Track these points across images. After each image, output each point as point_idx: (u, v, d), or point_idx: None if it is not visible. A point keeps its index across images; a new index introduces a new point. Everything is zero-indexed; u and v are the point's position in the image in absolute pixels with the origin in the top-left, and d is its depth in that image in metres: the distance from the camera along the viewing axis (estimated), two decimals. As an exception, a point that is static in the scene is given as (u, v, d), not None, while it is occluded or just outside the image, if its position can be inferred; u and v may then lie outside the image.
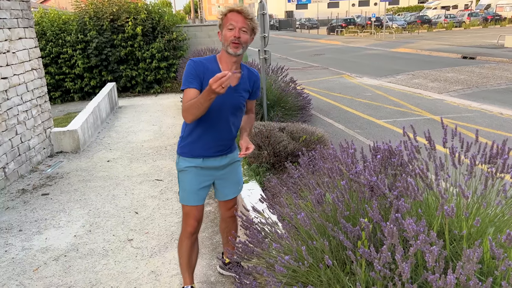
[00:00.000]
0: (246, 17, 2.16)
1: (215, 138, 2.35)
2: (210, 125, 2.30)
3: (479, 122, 6.86)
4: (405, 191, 2.14)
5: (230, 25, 2.14)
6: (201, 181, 2.44)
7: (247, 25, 2.17)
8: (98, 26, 10.60)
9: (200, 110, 2.04)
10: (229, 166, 2.52)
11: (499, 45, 18.95)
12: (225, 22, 2.18)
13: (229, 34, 2.14)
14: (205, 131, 2.32)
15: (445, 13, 39.15)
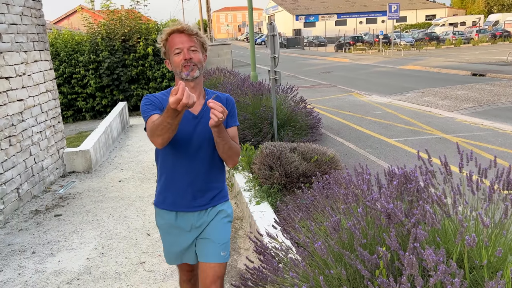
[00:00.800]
0: (191, 34, 1.91)
1: (188, 180, 1.98)
2: (180, 163, 1.97)
3: (492, 141, 6.80)
4: (423, 218, 2.11)
5: (176, 49, 1.88)
6: (179, 243, 2.09)
7: (195, 42, 1.91)
8: (110, 46, 10.79)
9: (167, 129, 1.67)
10: (212, 221, 2.05)
11: (509, 62, 18.90)
12: (169, 48, 1.92)
13: (177, 59, 1.88)
14: (174, 170, 1.99)
15: (453, 30, 39.26)
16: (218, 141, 1.87)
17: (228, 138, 1.89)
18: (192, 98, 1.52)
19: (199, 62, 1.92)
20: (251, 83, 8.51)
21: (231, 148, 1.94)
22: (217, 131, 1.81)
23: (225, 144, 1.89)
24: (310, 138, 6.92)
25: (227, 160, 2.00)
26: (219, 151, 1.95)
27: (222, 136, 1.85)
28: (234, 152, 1.97)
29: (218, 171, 2.07)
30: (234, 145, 1.95)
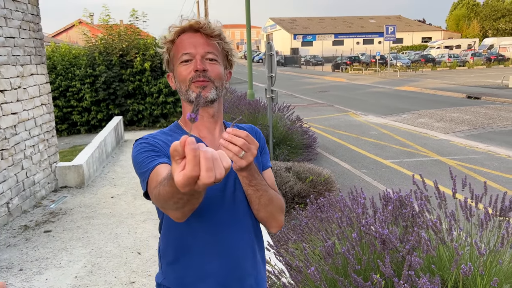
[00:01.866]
0: (210, 35, 1.27)
1: (221, 263, 1.26)
2: (205, 238, 1.26)
3: (487, 165, 6.81)
4: (418, 244, 2.08)
5: (184, 55, 1.25)
6: None
7: (215, 48, 1.27)
8: (108, 61, 10.83)
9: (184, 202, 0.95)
10: None
11: (503, 85, 19.12)
12: (175, 54, 1.28)
13: (184, 70, 1.25)
14: (196, 248, 1.26)
15: (449, 53, 39.82)
16: (250, 193, 1.22)
17: (265, 186, 1.23)
18: (219, 168, 0.76)
19: (218, 77, 1.26)
20: (247, 101, 8.53)
21: (272, 200, 1.25)
22: (247, 176, 1.17)
23: (261, 196, 1.22)
24: (305, 157, 6.91)
25: (268, 221, 1.30)
26: (254, 208, 1.27)
27: (256, 183, 1.19)
28: (277, 207, 1.28)
29: (261, 242, 1.41)
30: (275, 196, 1.28)
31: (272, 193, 1.27)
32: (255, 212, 1.29)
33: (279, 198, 1.31)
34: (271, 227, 1.33)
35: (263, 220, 1.31)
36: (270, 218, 1.30)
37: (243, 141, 1.05)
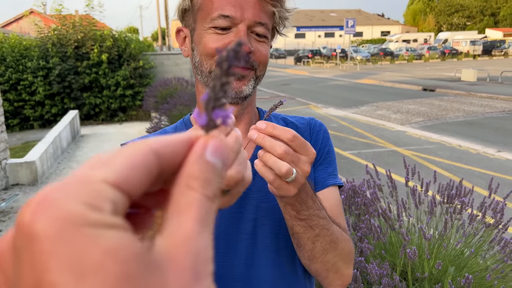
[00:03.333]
0: None
1: None
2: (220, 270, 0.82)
3: (440, 154, 7.10)
4: (369, 232, 2.14)
5: (220, 18, 0.83)
6: None
7: (270, 18, 0.88)
8: (62, 53, 10.41)
9: None
10: None
11: (456, 78, 19.97)
12: (203, 7, 0.85)
13: (216, 41, 0.84)
14: None
15: (406, 46, 41.11)
16: (299, 231, 0.78)
17: (326, 220, 0.79)
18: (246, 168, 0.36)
19: (264, 63, 0.89)
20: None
21: (335, 244, 0.81)
22: (293, 204, 0.74)
23: (318, 237, 0.78)
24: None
25: (328, 275, 0.84)
26: (304, 257, 0.82)
27: (309, 215, 0.76)
28: (343, 254, 0.83)
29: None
30: (341, 235, 0.83)
31: (336, 230, 0.81)
32: (306, 261, 0.82)
33: (346, 240, 0.84)
34: (331, 285, 0.85)
35: (318, 274, 0.84)
36: (330, 272, 0.82)
37: (286, 148, 0.65)
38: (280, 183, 0.68)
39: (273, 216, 0.87)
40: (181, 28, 0.91)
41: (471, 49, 38.90)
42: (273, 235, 0.87)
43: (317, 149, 0.96)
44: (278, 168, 0.66)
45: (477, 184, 4.95)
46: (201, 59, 0.87)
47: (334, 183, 0.95)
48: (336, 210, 0.91)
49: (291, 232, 0.79)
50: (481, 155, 7.00)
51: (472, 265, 2.15)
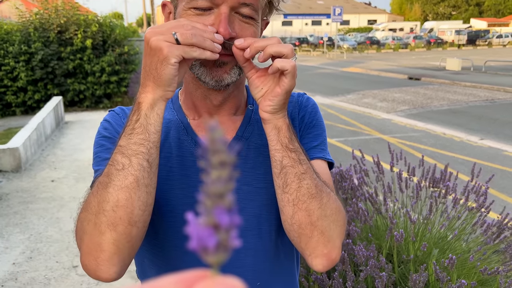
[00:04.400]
0: None
1: None
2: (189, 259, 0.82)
3: (424, 142, 7.20)
4: (356, 215, 2.17)
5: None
6: None
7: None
8: (44, 38, 10.17)
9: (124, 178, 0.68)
10: None
11: (441, 67, 20.18)
12: None
13: (197, 19, 0.76)
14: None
15: (392, 35, 41.28)
16: (285, 162, 0.75)
17: (310, 164, 0.78)
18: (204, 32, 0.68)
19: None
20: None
21: (321, 193, 0.76)
22: (282, 128, 0.76)
23: (304, 176, 0.75)
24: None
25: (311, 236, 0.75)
26: (285, 198, 0.76)
27: (297, 148, 0.76)
28: (332, 210, 0.77)
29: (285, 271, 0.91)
30: (327, 191, 0.78)
31: (322, 183, 0.77)
32: (289, 210, 0.75)
33: (333, 198, 0.78)
34: (316, 250, 0.75)
35: (302, 232, 0.75)
36: (316, 230, 0.74)
37: (278, 39, 0.73)
38: (281, 77, 0.70)
39: (255, 199, 0.84)
40: (166, 2, 0.85)
41: (456, 38, 39.28)
42: (254, 218, 0.84)
43: (304, 120, 0.93)
44: (283, 47, 0.70)
45: (461, 171, 5.05)
46: None
47: (322, 157, 0.90)
48: (326, 178, 0.85)
49: (280, 168, 0.75)
50: (465, 143, 7.13)
51: (455, 247, 2.20)
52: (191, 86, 0.86)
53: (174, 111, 0.90)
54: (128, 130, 0.70)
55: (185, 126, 0.87)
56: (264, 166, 0.85)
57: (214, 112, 0.88)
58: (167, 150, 0.85)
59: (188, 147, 0.85)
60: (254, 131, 0.88)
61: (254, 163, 0.85)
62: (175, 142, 0.86)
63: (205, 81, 0.79)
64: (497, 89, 13.10)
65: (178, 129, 0.87)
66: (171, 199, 0.82)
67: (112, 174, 0.69)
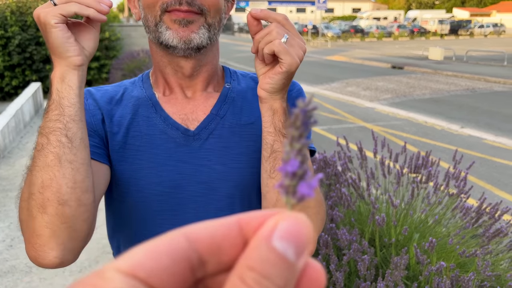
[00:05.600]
0: None
1: None
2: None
3: (407, 130, 7.30)
4: (339, 200, 2.19)
5: None
6: None
7: None
8: (22, 22, 9.89)
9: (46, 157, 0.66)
10: None
11: (424, 57, 20.39)
12: None
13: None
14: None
15: (377, 24, 41.46)
16: (276, 146, 0.75)
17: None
18: None
19: (214, 7, 0.79)
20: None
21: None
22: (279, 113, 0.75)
23: None
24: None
25: None
26: (268, 194, 0.78)
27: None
28: (314, 201, 0.80)
29: None
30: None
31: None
32: (271, 197, 0.77)
33: (319, 192, 0.87)
34: None
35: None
36: None
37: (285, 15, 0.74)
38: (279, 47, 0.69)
39: (228, 179, 0.83)
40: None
41: (439, 28, 39.69)
42: (228, 199, 0.83)
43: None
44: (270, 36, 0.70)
45: (442, 158, 5.14)
46: (145, 13, 0.80)
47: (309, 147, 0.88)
48: None
49: (270, 151, 0.75)
50: (446, 131, 7.25)
51: (435, 231, 2.25)
52: (160, 61, 0.85)
53: (143, 89, 0.88)
54: (45, 111, 0.70)
55: (154, 104, 0.85)
56: (238, 147, 0.84)
57: (186, 86, 0.86)
58: (135, 129, 0.83)
59: (157, 124, 0.83)
60: (230, 109, 0.86)
61: (228, 142, 0.84)
62: (143, 120, 0.84)
63: (173, 45, 0.77)
64: (478, 79, 13.32)
65: (146, 107, 0.85)
66: (140, 178, 0.81)
67: (35, 156, 0.68)
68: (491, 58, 18.78)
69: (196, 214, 0.82)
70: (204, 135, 0.83)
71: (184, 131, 0.82)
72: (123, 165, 0.81)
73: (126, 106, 0.85)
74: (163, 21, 0.76)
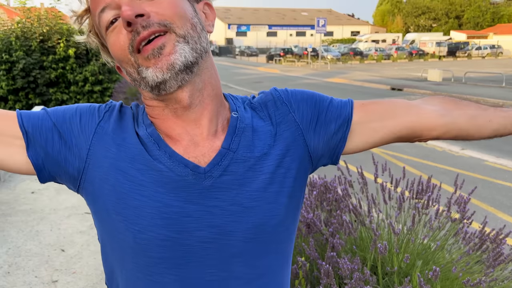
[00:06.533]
0: None
1: None
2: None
3: (407, 152, 7.29)
4: (340, 227, 2.17)
5: (102, 13, 0.70)
6: None
7: None
8: (26, 46, 10.04)
9: None
10: None
11: (423, 78, 20.56)
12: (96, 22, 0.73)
13: (115, 37, 0.70)
14: None
15: (375, 47, 41.98)
16: None
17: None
18: None
19: (178, 16, 0.69)
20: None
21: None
22: None
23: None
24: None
25: None
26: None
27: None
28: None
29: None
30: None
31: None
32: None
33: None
34: None
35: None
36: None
37: None
38: None
39: (243, 221, 0.73)
40: (116, 65, 0.80)
41: (437, 50, 40.16)
42: (244, 244, 0.74)
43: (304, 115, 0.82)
44: None
45: (443, 181, 5.12)
46: (126, 70, 0.73)
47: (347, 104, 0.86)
48: (383, 106, 0.88)
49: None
50: (447, 153, 7.25)
51: (438, 258, 2.22)
52: (160, 113, 0.75)
53: (143, 125, 0.77)
54: None
55: (156, 140, 0.75)
56: (254, 182, 0.74)
57: (191, 128, 0.75)
58: (139, 161, 0.73)
59: (162, 161, 0.73)
60: (242, 141, 0.76)
61: (243, 179, 0.74)
62: (149, 157, 0.74)
63: (161, 80, 0.68)
64: (477, 100, 13.35)
65: (149, 143, 0.75)
66: (142, 217, 0.71)
67: None
68: (490, 80, 18.92)
69: (204, 262, 0.73)
70: (217, 172, 0.73)
71: (193, 168, 0.72)
72: (123, 200, 0.71)
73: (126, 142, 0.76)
74: (140, 64, 0.68)
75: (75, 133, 0.73)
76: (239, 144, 0.76)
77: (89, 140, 0.73)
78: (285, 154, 0.78)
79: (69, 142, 0.73)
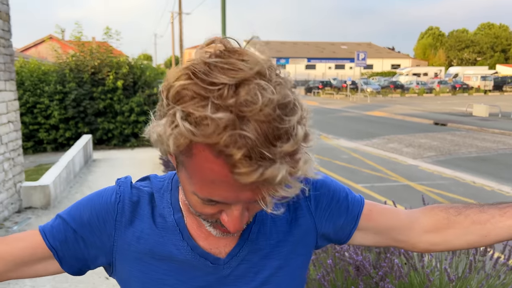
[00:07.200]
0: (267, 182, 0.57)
1: None
2: None
3: (453, 190, 7.01)
4: (390, 270, 2.10)
5: (208, 201, 0.64)
6: None
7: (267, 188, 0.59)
8: (78, 78, 10.66)
9: None
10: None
11: (468, 113, 19.93)
12: (189, 167, 0.61)
13: (203, 207, 0.66)
14: None
15: (417, 80, 41.36)
16: None
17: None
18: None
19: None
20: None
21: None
22: None
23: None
24: (278, 180, 6.91)
25: None
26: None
27: None
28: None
29: None
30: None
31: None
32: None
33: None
34: None
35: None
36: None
37: None
38: None
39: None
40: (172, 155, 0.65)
41: (482, 84, 38.99)
42: None
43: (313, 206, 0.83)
44: None
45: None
46: (192, 206, 0.69)
47: (359, 205, 0.86)
48: (387, 212, 0.89)
49: None
50: (496, 192, 6.90)
51: (497, 309, 2.08)
52: (193, 214, 0.74)
53: (171, 208, 0.78)
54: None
55: (181, 229, 0.77)
56: (268, 269, 0.80)
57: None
58: (163, 249, 0.77)
59: (184, 252, 0.77)
60: (260, 230, 0.79)
61: (258, 266, 0.79)
62: (170, 246, 0.77)
63: (218, 236, 0.74)
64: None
65: (173, 232, 0.77)
66: None
67: None
68: (541, 116, 18.08)
69: None
70: (235, 262, 0.78)
71: (213, 260, 0.77)
72: (147, 285, 0.78)
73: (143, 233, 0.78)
74: (211, 224, 0.71)
75: (96, 233, 0.78)
76: (257, 233, 0.79)
77: (112, 237, 0.78)
78: (299, 241, 0.82)
79: (94, 243, 0.78)
